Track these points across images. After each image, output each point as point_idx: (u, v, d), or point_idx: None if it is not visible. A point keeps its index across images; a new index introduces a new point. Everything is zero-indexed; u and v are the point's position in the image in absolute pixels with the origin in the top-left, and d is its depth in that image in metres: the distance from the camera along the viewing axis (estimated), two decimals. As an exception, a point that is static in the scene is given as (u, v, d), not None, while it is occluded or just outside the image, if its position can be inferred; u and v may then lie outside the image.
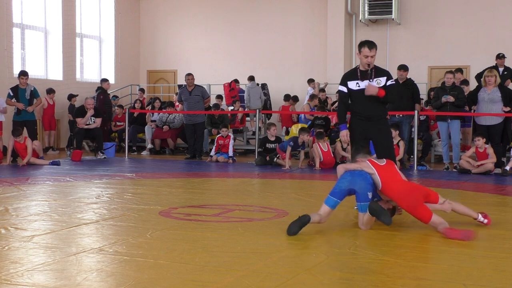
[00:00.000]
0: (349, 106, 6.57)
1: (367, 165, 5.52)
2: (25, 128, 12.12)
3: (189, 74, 13.19)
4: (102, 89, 14.49)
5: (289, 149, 11.39)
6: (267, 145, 12.11)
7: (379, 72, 6.45)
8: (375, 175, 5.46)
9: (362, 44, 6.37)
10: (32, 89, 12.31)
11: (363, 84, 6.38)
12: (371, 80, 6.35)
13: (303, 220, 5.14)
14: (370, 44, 6.36)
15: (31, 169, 10.53)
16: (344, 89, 6.51)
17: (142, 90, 16.49)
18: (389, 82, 6.42)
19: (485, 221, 5.53)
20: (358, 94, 6.40)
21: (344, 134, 6.59)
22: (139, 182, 8.94)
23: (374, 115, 6.39)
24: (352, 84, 6.45)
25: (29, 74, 12.62)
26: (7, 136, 12.32)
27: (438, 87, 11.37)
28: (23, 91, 12.16)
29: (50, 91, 14.71)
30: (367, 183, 5.39)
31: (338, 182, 5.45)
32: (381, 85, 6.35)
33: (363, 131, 6.45)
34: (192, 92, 13.05)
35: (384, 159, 5.70)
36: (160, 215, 6.05)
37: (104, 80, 14.75)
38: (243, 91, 15.34)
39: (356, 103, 6.47)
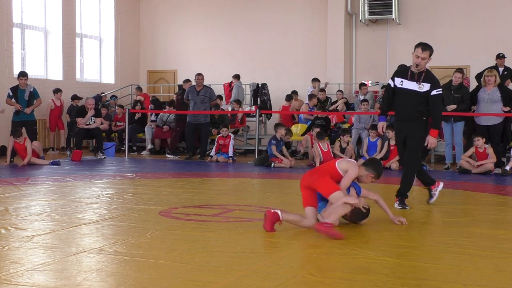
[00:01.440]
0: (392, 100, 6.69)
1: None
2: (24, 129, 12.12)
3: (199, 74, 13.22)
4: (182, 89, 14.23)
5: (273, 148, 11.45)
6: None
7: (428, 78, 6.50)
8: None
9: (418, 45, 6.48)
10: (32, 89, 12.26)
11: (407, 83, 6.49)
12: (418, 82, 6.45)
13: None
14: (424, 46, 6.43)
15: (31, 169, 10.53)
16: (391, 83, 6.66)
17: (139, 88, 16.36)
18: (434, 92, 6.45)
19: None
20: (399, 92, 6.55)
21: (380, 126, 6.78)
22: (139, 182, 8.94)
23: (408, 116, 6.52)
24: (398, 81, 6.59)
25: (29, 74, 12.61)
26: (6, 136, 12.31)
27: (444, 85, 11.34)
28: (22, 92, 12.13)
29: (57, 91, 14.69)
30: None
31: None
32: (422, 90, 6.43)
33: (401, 133, 6.64)
34: (200, 92, 13.08)
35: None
36: (160, 215, 6.05)
37: (186, 81, 14.39)
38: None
39: (396, 102, 6.63)
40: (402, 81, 6.53)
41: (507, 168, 10.22)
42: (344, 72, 16.17)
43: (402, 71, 6.65)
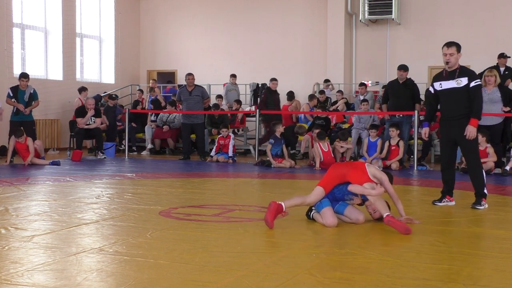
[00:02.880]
0: (434, 105, 6.86)
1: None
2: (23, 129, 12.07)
3: (189, 74, 13.06)
4: (268, 88, 13.91)
5: (269, 146, 11.42)
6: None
7: (463, 72, 6.59)
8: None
9: (444, 44, 6.63)
10: (32, 91, 12.18)
11: (445, 84, 6.60)
12: (454, 80, 6.54)
13: None
14: (449, 43, 6.62)
15: (31, 169, 10.53)
16: (431, 90, 6.81)
17: (141, 91, 16.44)
18: (472, 83, 6.52)
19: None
20: (441, 94, 6.68)
21: (422, 132, 7.03)
22: (139, 182, 8.94)
23: (454, 115, 6.59)
24: (437, 85, 6.72)
25: (29, 74, 12.58)
26: (5, 136, 12.29)
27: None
28: (22, 93, 12.07)
29: (83, 89, 14.57)
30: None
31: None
32: (461, 85, 6.51)
33: (449, 133, 6.68)
34: (192, 92, 12.95)
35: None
36: (160, 215, 6.05)
37: (272, 80, 13.87)
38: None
39: (441, 104, 6.74)
40: (440, 84, 6.67)
41: (507, 168, 10.22)
42: (344, 72, 16.17)
43: (438, 75, 6.77)
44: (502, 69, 12.05)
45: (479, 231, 5.34)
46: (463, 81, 6.51)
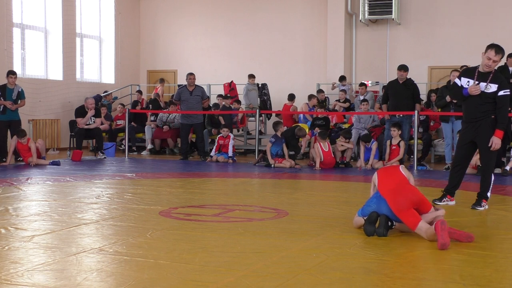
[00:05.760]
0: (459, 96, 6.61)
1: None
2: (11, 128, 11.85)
3: (191, 74, 12.99)
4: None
5: (269, 145, 11.40)
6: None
7: (496, 78, 6.40)
8: (375, 176, 5.45)
9: (491, 46, 6.34)
10: (20, 90, 11.91)
11: (473, 84, 6.42)
12: (486, 83, 6.36)
13: (371, 219, 5.06)
14: (498, 49, 6.30)
15: (31, 169, 10.53)
16: (458, 82, 6.59)
17: (140, 92, 16.42)
18: (501, 92, 6.35)
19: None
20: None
21: (469, 88, 6.43)
22: (139, 182, 8.94)
23: (475, 117, 6.44)
24: (464, 81, 6.53)
25: (29, 74, 12.54)
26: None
27: (443, 86, 11.36)
28: (10, 91, 11.78)
29: (161, 81, 14.51)
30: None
31: (367, 202, 5.33)
32: (489, 91, 6.35)
33: (469, 134, 6.53)
34: (193, 92, 12.91)
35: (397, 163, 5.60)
36: (160, 215, 6.05)
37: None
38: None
39: (464, 104, 6.56)
40: (468, 81, 6.48)
41: (507, 168, 10.21)
42: (344, 72, 16.16)
43: (469, 71, 6.58)
44: (511, 68, 11.89)
45: (479, 231, 5.34)
46: (493, 87, 6.35)
